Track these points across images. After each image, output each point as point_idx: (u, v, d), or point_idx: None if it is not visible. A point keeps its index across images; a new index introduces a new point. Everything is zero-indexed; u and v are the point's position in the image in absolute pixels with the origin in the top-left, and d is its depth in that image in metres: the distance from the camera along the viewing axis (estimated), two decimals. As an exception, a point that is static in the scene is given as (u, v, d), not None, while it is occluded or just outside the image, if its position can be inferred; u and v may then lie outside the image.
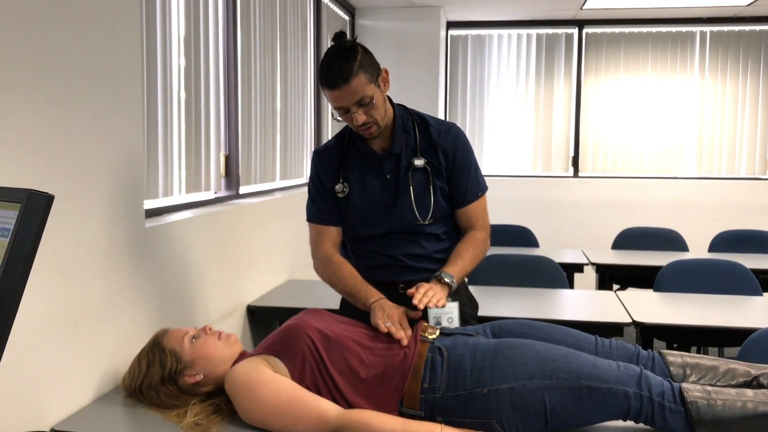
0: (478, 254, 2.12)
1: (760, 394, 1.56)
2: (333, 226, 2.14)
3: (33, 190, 0.93)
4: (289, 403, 1.61)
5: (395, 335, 1.78)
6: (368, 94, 1.93)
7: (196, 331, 1.85)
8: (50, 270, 1.69)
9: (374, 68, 1.95)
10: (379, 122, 2.00)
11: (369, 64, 1.94)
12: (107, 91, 1.91)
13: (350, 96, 1.91)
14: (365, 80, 1.91)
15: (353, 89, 1.90)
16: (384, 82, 2.00)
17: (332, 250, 2.13)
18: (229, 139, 3.16)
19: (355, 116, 1.95)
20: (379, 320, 1.84)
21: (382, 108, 2.00)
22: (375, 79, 1.95)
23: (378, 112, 1.98)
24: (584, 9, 5.54)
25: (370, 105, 1.94)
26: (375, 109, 1.96)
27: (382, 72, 1.99)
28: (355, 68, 1.89)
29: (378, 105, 1.97)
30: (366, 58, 1.93)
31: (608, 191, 5.98)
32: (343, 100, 1.93)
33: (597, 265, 4.00)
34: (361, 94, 1.92)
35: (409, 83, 5.52)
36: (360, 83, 1.90)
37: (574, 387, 1.58)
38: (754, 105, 5.94)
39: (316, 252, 2.15)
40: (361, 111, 1.94)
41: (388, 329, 1.80)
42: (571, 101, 6.11)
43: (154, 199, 2.47)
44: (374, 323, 1.85)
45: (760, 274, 3.36)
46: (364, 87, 1.91)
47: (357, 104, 1.93)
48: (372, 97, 1.94)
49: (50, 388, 1.71)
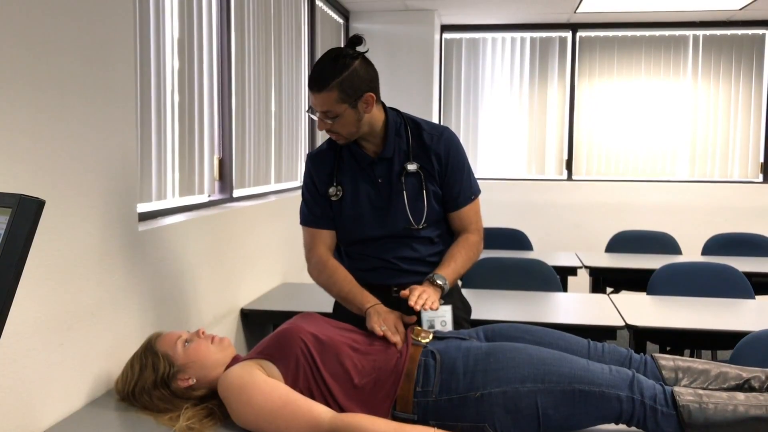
0: (471, 257, 2.12)
1: (751, 398, 1.57)
2: (327, 229, 2.14)
3: (24, 196, 0.93)
4: (282, 407, 1.61)
5: (390, 339, 1.79)
6: (334, 110, 1.93)
7: (189, 335, 1.85)
8: (43, 274, 1.68)
9: (357, 89, 1.93)
10: (344, 136, 2.01)
11: (352, 84, 1.91)
12: (100, 94, 1.90)
13: (318, 104, 1.95)
14: (336, 98, 1.91)
15: (321, 99, 1.93)
16: (366, 104, 1.97)
17: (327, 254, 2.13)
18: (223, 142, 3.16)
19: (318, 122, 1.99)
20: (375, 324, 1.85)
21: (351, 126, 1.99)
22: (352, 101, 1.93)
23: (344, 128, 1.99)
24: (578, 13, 5.56)
25: (334, 120, 1.96)
26: (340, 124, 1.97)
27: (365, 96, 1.96)
28: (333, 83, 1.89)
29: (345, 123, 1.97)
30: (354, 77, 1.91)
31: (602, 194, 6.00)
32: (313, 102, 1.97)
33: (590, 268, 4.02)
34: (327, 108, 1.94)
35: (403, 86, 5.53)
36: (329, 98, 1.91)
37: (567, 390, 1.58)
38: (746, 108, 5.97)
39: (310, 255, 2.15)
40: (326, 120, 1.97)
41: (383, 333, 1.81)
42: (565, 104, 6.13)
43: (147, 203, 2.46)
44: (370, 327, 1.86)
45: (752, 278, 3.37)
46: (332, 103, 1.92)
47: (323, 113, 1.96)
48: (338, 115, 1.94)
49: (43, 392, 1.70)
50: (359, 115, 1.98)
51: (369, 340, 1.81)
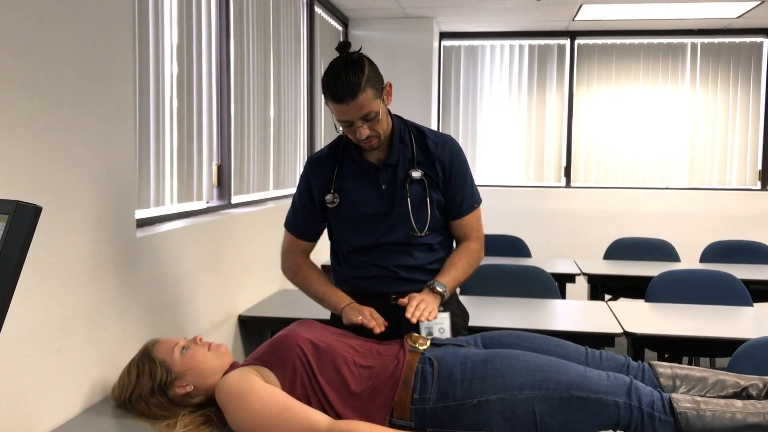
0: (472, 264, 2.14)
1: (749, 405, 1.57)
2: (307, 241, 2.21)
3: (20, 202, 0.93)
4: (279, 413, 1.61)
5: (367, 325, 1.89)
6: (374, 109, 1.93)
7: (187, 342, 1.85)
8: (40, 280, 1.68)
9: (379, 82, 1.95)
10: (382, 136, 2.01)
11: (375, 78, 1.93)
12: (98, 99, 1.90)
13: (356, 111, 1.90)
14: (372, 95, 1.91)
15: (360, 104, 1.89)
16: (387, 95, 2.00)
17: (302, 258, 2.21)
18: (222, 148, 3.16)
19: (360, 131, 1.94)
20: (352, 317, 1.95)
21: (385, 122, 2.01)
22: (380, 94, 1.95)
23: (381, 126, 1.99)
24: (576, 20, 5.58)
25: (375, 120, 1.94)
26: (379, 123, 1.97)
27: (386, 86, 1.99)
28: (363, 83, 1.88)
29: (382, 119, 1.98)
30: (372, 72, 1.93)
31: (600, 201, 6.00)
32: (348, 114, 1.92)
33: (589, 276, 4.01)
34: (367, 110, 1.91)
35: (402, 94, 5.50)
36: (367, 98, 1.90)
37: (564, 397, 1.58)
38: (744, 116, 5.98)
39: (285, 258, 2.24)
40: (366, 126, 1.94)
41: (361, 322, 1.91)
42: (564, 112, 6.14)
43: (145, 209, 2.46)
44: (348, 322, 1.96)
45: (750, 285, 3.37)
46: (370, 102, 1.91)
47: (362, 119, 1.92)
48: (378, 113, 1.94)
49: (39, 399, 1.70)
50: (386, 109, 2.01)
51: (366, 347, 1.80)
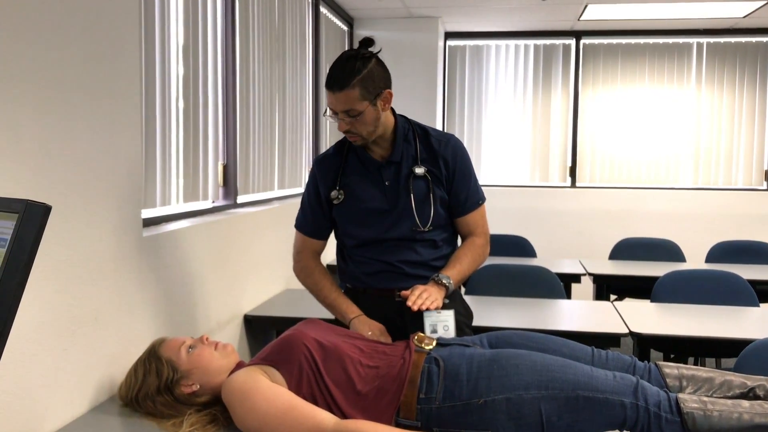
0: (477, 259, 2.18)
1: (756, 406, 1.57)
2: (318, 239, 2.23)
3: (30, 201, 0.93)
4: (285, 412, 1.61)
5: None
6: (357, 108, 1.96)
7: (193, 341, 1.85)
8: (47, 279, 1.69)
9: (376, 87, 1.98)
10: (363, 136, 2.04)
11: (373, 81, 1.96)
12: (105, 100, 1.91)
13: (339, 103, 1.97)
14: (358, 95, 1.94)
15: (343, 98, 1.95)
16: (384, 101, 2.02)
17: (314, 260, 2.24)
18: (227, 148, 3.16)
19: (339, 122, 2.02)
20: (361, 332, 1.98)
21: (371, 125, 2.02)
22: (372, 97, 1.97)
23: (364, 128, 2.01)
24: (581, 20, 5.57)
25: (356, 118, 1.98)
26: (361, 123, 2.00)
27: (385, 93, 2.01)
28: (354, 81, 1.93)
29: (366, 121, 2.00)
30: (372, 74, 1.96)
31: (605, 201, 5.99)
32: (332, 104, 1.99)
33: (594, 276, 4.01)
34: (349, 106, 1.96)
35: (407, 93, 5.53)
36: (351, 96, 1.94)
37: (571, 397, 1.58)
38: (750, 116, 5.97)
39: (298, 259, 2.26)
40: (347, 120, 1.99)
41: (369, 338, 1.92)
42: (569, 111, 6.13)
43: (151, 209, 2.47)
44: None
45: (756, 285, 3.36)
46: (355, 101, 1.95)
47: (344, 113, 1.98)
48: (360, 112, 1.97)
49: (46, 397, 1.70)
50: (378, 114, 2.02)
51: (372, 347, 1.81)
